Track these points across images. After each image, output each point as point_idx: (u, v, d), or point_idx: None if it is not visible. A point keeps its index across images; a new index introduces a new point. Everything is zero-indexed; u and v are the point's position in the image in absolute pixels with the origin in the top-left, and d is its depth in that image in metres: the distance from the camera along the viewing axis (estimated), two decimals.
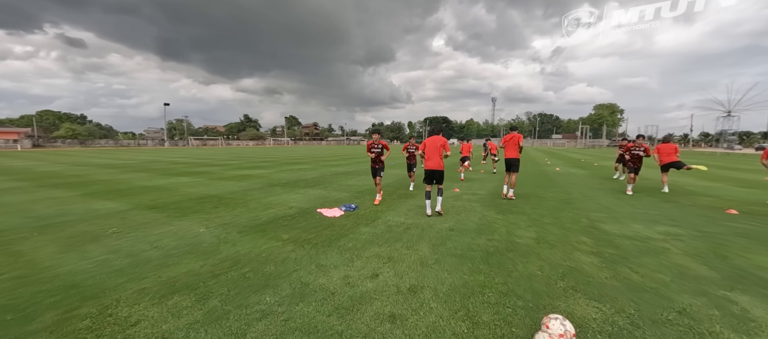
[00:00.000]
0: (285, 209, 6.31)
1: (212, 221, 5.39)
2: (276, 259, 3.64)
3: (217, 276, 3.20)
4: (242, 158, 24.62)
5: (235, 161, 21.07)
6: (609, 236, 4.55)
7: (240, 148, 64.12)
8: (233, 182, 10.47)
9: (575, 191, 8.60)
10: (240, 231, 4.79)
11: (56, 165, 18.34)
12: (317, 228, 4.93)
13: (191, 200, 7.31)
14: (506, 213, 5.96)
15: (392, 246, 4.10)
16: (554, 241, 4.29)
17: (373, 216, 5.71)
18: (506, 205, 6.72)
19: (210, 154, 31.42)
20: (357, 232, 4.71)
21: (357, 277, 3.19)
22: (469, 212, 6.02)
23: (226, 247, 4.05)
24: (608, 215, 5.82)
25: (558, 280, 3.11)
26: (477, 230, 4.80)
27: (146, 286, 2.99)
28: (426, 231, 4.75)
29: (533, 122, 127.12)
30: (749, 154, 37.07)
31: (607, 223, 5.28)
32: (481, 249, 3.97)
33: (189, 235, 4.61)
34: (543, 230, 4.81)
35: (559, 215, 5.80)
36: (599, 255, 3.80)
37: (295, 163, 18.87)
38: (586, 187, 9.31)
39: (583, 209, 6.32)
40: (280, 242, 4.25)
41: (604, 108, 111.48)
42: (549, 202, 7.10)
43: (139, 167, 16.50)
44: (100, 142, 74.40)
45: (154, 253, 3.88)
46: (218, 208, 6.43)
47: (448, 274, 3.26)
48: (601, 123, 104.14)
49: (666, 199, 7.50)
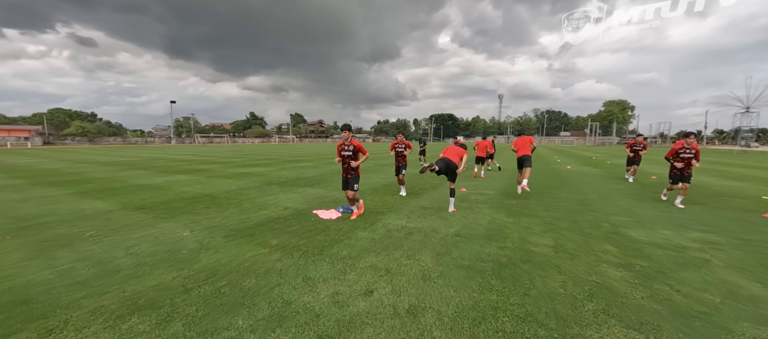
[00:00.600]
0: (279, 210, 5.90)
1: (199, 223, 5.01)
2: (259, 270, 3.22)
3: (188, 291, 2.80)
4: (245, 156, 24.41)
5: (237, 159, 20.83)
6: (636, 244, 4.03)
7: (245, 145, 64.24)
8: (231, 180, 10.13)
9: (590, 192, 8.03)
10: (226, 235, 4.39)
11: (60, 162, 18.32)
12: (310, 232, 4.50)
13: (183, 200, 6.96)
14: (517, 215, 5.46)
15: (391, 255, 3.65)
16: (575, 250, 3.79)
17: (372, 218, 5.26)
18: (517, 206, 6.21)
19: (214, 152, 31.33)
20: (353, 237, 4.28)
21: (348, 294, 2.75)
22: (476, 214, 5.53)
23: (206, 255, 3.65)
24: (631, 219, 5.27)
25: (585, 301, 2.62)
26: (486, 236, 4.32)
27: (105, 303, 2.60)
28: (429, 237, 4.29)
29: (541, 119, 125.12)
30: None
31: (631, 228, 4.74)
32: (491, 259, 3.50)
33: (170, 239, 4.23)
34: (560, 236, 4.31)
35: (576, 219, 5.28)
36: (629, 268, 3.29)
37: (297, 161, 18.54)
38: (602, 187, 8.72)
39: (602, 212, 5.78)
40: (267, 249, 3.84)
41: (615, 104, 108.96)
42: (563, 203, 6.57)
43: (141, 164, 16.33)
44: (109, 139, 75.40)
45: (126, 260, 3.50)
46: (209, 209, 6.06)
47: (455, 291, 2.80)
48: (611, 120, 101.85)
49: (692, 200, 6.90)
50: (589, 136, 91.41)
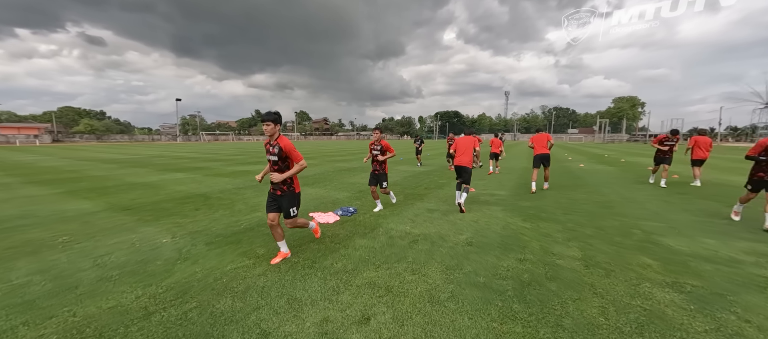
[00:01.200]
0: None
1: (184, 227, 4.57)
2: (237, 288, 2.75)
3: (149, 315, 2.34)
4: (248, 153, 24.10)
5: (239, 156, 20.51)
6: (679, 257, 3.46)
7: (250, 143, 64.19)
8: (229, 179, 9.73)
9: (611, 192, 7.42)
10: (210, 242, 3.94)
11: (62, 159, 18.20)
12: (303, 239, 4.03)
13: (174, 200, 6.55)
14: (534, 220, 4.91)
15: (393, 268, 3.16)
16: (608, 264, 3.25)
17: (373, 223, 4.77)
18: (532, 209, 5.65)
19: (218, 149, 31.15)
20: (351, 246, 3.79)
21: (340, 321, 2.27)
22: (489, 218, 5.00)
23: (182, 267, 3.20)
24: (664, 225, 4.69)
25: (635, 336, 2.10)
26: (502, 245, 3.80)
27: (45, 332, 2.16)
28: (437, 245, 3.79)
29: (548, 116, 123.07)
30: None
31: (667, 236, 4.17)
32: (511, 276, 2.98)
33: (147, 247, 3.79)
34: (587, 246, 3.77)
35: (601, 224, 4.72)
36: (679, 288, 2.75)
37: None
38: (622, 188, 8.09)
39: (628, 216, 5.20)
40: (252, 260, 3.37)
41: (625, 101, 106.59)
42: (582, 205, 5.99)
43: (142, 162, 16.08)
44: (117, 137, 76.17)
45: (90, 273, 3.06)
46: (199, 211, 5.63)
47: (470, 319, 2.29)
48: (620, 117, 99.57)
49: (725, 202, 6.27)
50: (598, 133, 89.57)
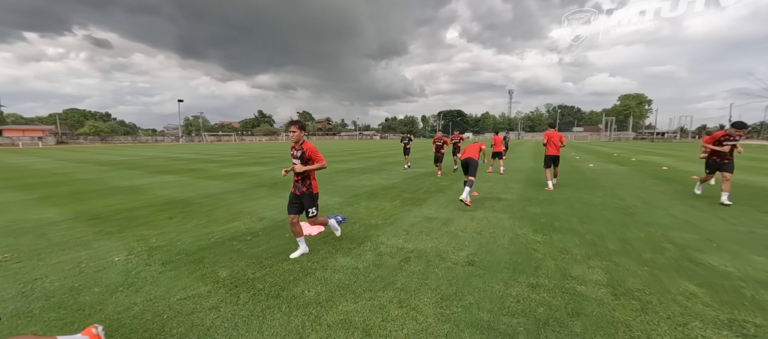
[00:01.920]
0: (252, 222, 4.89)
1: (147, 241, 4.03)
2: (176, 331, 2.19)
3: None
4: (247, 153, 23.67)
5: (237, 157, 20.06)
6: (727, 280, 2.83)
7: (252, 143, 64.01)
8: (219, 182, 9.22)
9: (628, 195, 6.75)
10: (167, 261, 3.39)
11: (57, 162, 17.89)
12: (275, 257, 3.46)
13: (151, 207, 6.03)
14: (547, 230, 4.29)
15: (376, 298, 2.57)
16: (642, 292, 2.63)
17: (361, 235, 4.18)
18: (543, 216, 5.03)
19: (218, 150, 30.79)
20: (330, 266, 3.21)
21: None
22: (495, 229, 4.39)
23: (121, 297, 2.64)
24: (699, 236, 4.04)
25: None
26: (511, 264, 3.19)
27: None
28: (433, 266, 3.19)
29: (553, 114, 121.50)
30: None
31: (706, 251, 3.53)
32: (523, 310, 2.38)
33: (93, 267, 3.25)
34: (613, 266, 3.15)
35: (625, 235, 4.09)
36: (740, 330, 2.13)
37: None
38: (640, 189, 7.41)
39: (654, 224, 4.56)
40: (209, 286, 2.81)
41: (631, 98, 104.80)
42: (600, 211, 5.35)
43: (136, 164, 15.68)
44: (121, 138, 76.56)
45: (9, 305, 2.52)
46: (172, 219, 5.09)
47: None
48: (627, 114, 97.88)
49: (759, 205, 5.58)
50: (604, 132, 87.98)
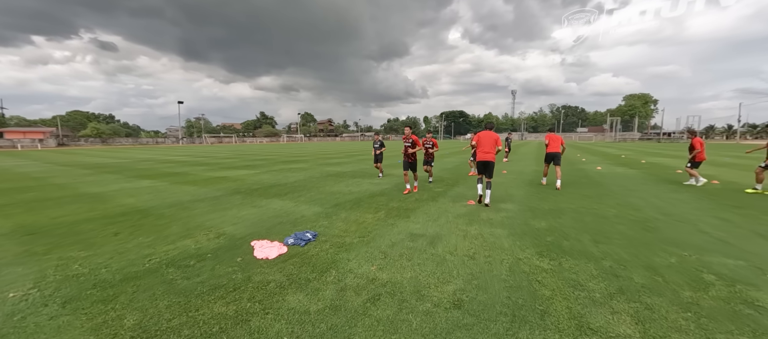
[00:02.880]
0: (207, 240, 4.17)
1: (66, 268, 3.32)
2: None
3: None
4: (240, 156, 23.03)
5: (229, 159, 19.41)
6: None
7: (252, 145, 63.54)
8: (195, 188, 8.53)
9: (644, 204, 5.96)
10: (71, 299, 2.67)
11: (44, 164, 17.34)
12: (210, 293, 2.73)
13: (101, 219, 5.34)
14: (555, 253, 3.53)
15: None
16: None
17: (327, 260, 3.44)
18: (549, 232, 4.26)
19: (214, 152, 30.22)
20: (274, 307, 2.48)
21: None
22: (491, 251, 3.63)
23: None
24: (746, 263, 3.26)
25: None
26: (509, 309, 2.44)
27: None
28: (407, 309, 2.45)
29: (557, 115, 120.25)
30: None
31: (763, 288, 2.75)
32: None
33: None
34: (645, 310, 2.38)
35: (653, 261, 3.31)
36: None
37: (290, 162, 16.91)
38: (655, 197, 6.61)
39: (684, 244, 3.78)
40: None
41: (636, 98, 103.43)
42: (615, 225, 4.58)
43: (120, 168, 15.06)
44: (122, 140, 76.51)
45: None
46: (116, 237, 4.39)
47: None
48: (632, 114, 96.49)
49: None
50: (609, 132, 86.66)
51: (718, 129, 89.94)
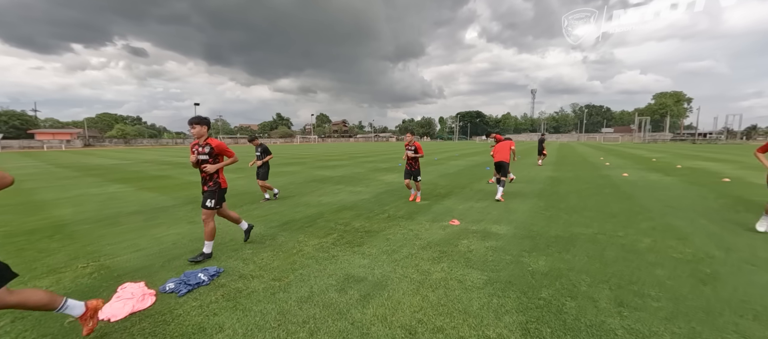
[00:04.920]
0: (74, 278, 3.11)
1: None
2: None
3: None
4: (246, 158, 22.44)
5: None
6: None
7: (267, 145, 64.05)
8: (155, 194, 7.65)
9: (693, 229, 4.39)
10: None
11: (48, 165, 17.37)
12: None
13: (5, 237, 4.44)
14: (552, 329, 2.18)
15: None
16: None
17: (187, 330, 2.26)
18: (550, 283, 2.89)
19: None
20: None
21: None
22: (447, 319, 2.32)
23: None
24: None
25: None
26: None
27: None
28: None
29: (579, 115, 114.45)
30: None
31: None
32: None
33: None
34: None
35: None
36: None
37: (284, 165, 16.00)
38: (706, 217, 4.99)
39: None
40: None
41: (668, 97, 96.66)
42: (652, 270, 3.13)
43: (112, 169, 14.67)
44: (143, 141, 79.55)
45: None
46: None
47: None
48: (663, 114, 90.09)
49: None
50: (637, 133, 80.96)
51: (761, 129, 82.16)
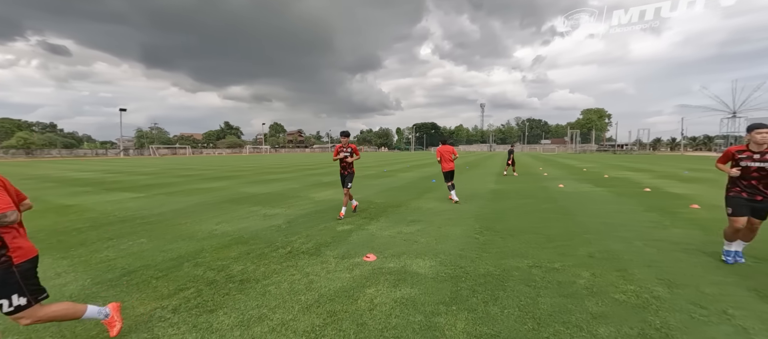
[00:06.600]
0: None
1: None
2: None
3: None
4: (165, 171, 19.38)
5: (139, 176, 15.84)
6: None
7: (205, 157, 58.23)
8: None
9: (635, 258, 3.92)
10: None
11: None
12: None
13: None
14: None
15: None
16: None
17: None
18: None
19: (140, 166, 25.96)
20: None
21: None
22: None
23: None
24: None
25: None
26: None
27: None
28: None
29: (522, 128, 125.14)
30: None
31: None
32: None
33: None
34: None
35: None
36: None
37: (214, 179, 13.84)
38: (641, 238, 4.64)
39: None
40: None
41: (593, 112, 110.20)
42: (595, 319, 2.40)
43: None
44: (55, 152, 67.45)
45: None
46: None
47: None
48: (589, 127, 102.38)
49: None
50: (569, 144, 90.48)
51: (663, 142, 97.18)
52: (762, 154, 3.26)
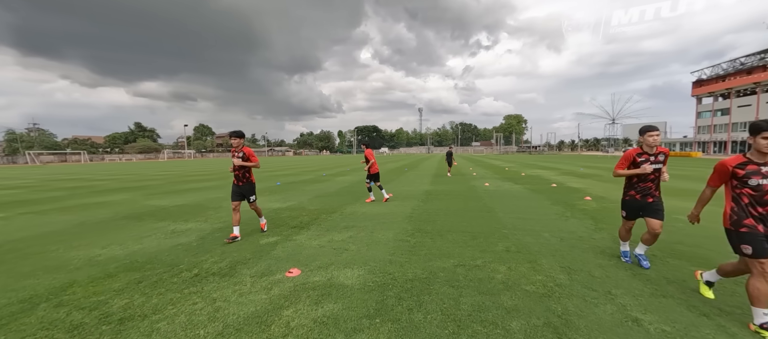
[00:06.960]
0: None
1: None
2: None
3: None
4: (47, 185, 15.48)
5: (12, 192, 12.32)
6: None
7: (111, 164, 48.86)
8: None
9: (542, 249, 4.35)
10: None
11: None
12: None
13: None
14: None
15: None
16: None
17: None
18: None
19: (14, 177, 20.38)
20: None
21: None
22: None
23: None
24: None
25: None
26: None
27: None
28: None
29: (456, 131, 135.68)
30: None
31: None
32: None
33: None
34: None
35: None
36: None
37: (114, 192, 11.48)
38: (549, 230, 5.23)
39: None
40: None
41: (513, 118, 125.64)
42: (508, 316, 2.51)
43: None
44: None
45: None
46: None
47: None
48: (511, 131, 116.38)
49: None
50: (495, 146, 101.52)
51: (566, 143, 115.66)
52: (656, 155, 3.27)
